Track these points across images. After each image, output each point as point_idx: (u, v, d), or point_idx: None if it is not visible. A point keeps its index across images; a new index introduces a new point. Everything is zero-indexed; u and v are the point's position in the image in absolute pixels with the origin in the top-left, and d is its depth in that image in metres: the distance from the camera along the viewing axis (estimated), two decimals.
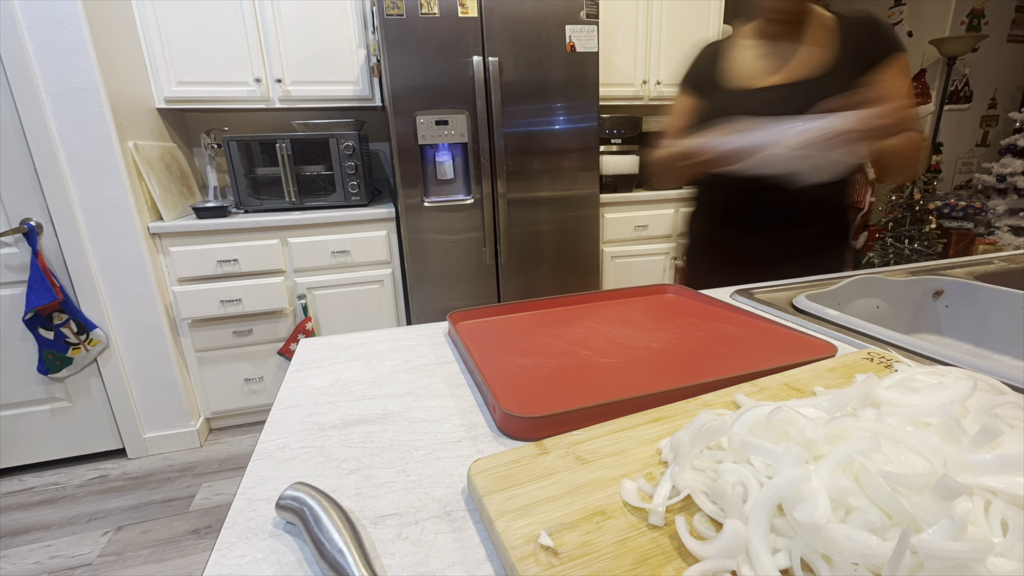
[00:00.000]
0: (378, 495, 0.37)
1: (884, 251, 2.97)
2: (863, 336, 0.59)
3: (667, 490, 0.31)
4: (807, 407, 0.35)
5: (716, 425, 0.33)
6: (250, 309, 1.95)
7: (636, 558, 0.27)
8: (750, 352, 0.55)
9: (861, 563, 0.24)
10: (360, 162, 2.05)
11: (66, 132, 1.64)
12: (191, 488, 1.78)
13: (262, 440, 0.44)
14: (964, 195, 3.07)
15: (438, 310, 2.06)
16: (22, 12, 1.53)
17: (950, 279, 0.75)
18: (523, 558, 0.27)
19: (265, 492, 0.37)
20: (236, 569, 0.31)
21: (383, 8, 1.72)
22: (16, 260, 1.69)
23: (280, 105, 2.11)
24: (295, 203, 2.06)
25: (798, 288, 0.79)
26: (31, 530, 1.60)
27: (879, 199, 3.26)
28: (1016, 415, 0.32)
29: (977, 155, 3.19)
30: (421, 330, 0.69)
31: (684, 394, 0.44)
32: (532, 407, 0.44)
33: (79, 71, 1.61)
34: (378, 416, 0.47)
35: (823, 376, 0.45)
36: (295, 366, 0.60)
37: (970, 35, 2.78)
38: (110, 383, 1.86)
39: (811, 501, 0.25)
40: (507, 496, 0.32)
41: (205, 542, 1.53)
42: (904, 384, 0.37)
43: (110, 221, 1.74)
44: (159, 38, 1.91)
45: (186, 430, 2.00)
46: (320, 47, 2.07)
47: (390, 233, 2.07)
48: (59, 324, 1.73)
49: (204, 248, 1.87)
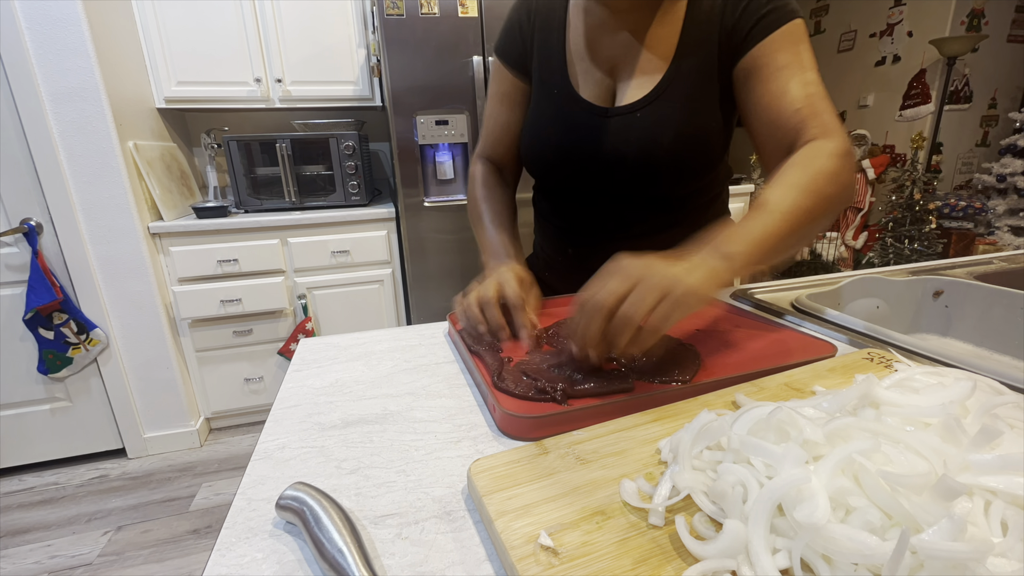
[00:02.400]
0: (378, 495, 0.37)
1: (884, 251, 2.97)
2: (863, 336, 0.59)
3: (667, 490, 0.31)
4: (807, 407, 0.35)
5: (716, 425, 0.33)
6: (250, 309, 1.95)
7: (636, 558, 0.27)
8: (750, 352, 0.55)
9: (861, 563, 0.24)
10: (360, 162, 2.05)
11: (66, 132, 1.64)
12: (191, 488, 1.78)
13: (262, 440, 0.44)
14: (964, 195, 3.07)
15: (438, 310, 2.06)
16: (22, 12, 1.53)
17: (950, 279, 0.75)
18: (523, 558, 0.27)
19: (265, 492, 0.37)
20: (236, 569, 0.31)
21: (383, 8, 1.72)
22: (16, 260, 1.69)
23: (280, 105, 2.11)
24: (295, 203, 2.06)
25: (798, 288, 0.79)
26: (31, 530, 1.60)
27: (879, 199, 3.26)
28: (1016, 415, 0.32)
29: (977, 155, 3.19)
30: (421, 330, 0.69)
31: (684, 394, 0.44)
32: (532, 407, 0.44)
33: (79, 71, 1.61)
34: (378, 416, 0.47)
35: (823, 376, 0.45)
36: (295, 366, 0.60)
37: (970, 35, 2.78)
38: (110, 383, 1.86)
39: (811, 501, 0.25)
40: (507, 496, 0.32)
41: (205, 542, 1.53)
42: (904, 384, 0.37)
43: (110, 221, 1.74)
44: (159, 38, 1.91)
45: (186, 430, 2.00)
46: (320, 47, 2.07)
47: (390, 233, 2.07)
48: (59, 324, 1.73)
49: (204, 248, 1.87)
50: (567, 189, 0.80)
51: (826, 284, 0.78)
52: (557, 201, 0.84)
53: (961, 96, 3.05)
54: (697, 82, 0.67)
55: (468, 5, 1.78)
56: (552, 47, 0.75)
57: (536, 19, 0.76)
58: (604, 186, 0.75)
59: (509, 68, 0.79)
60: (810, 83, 0.61)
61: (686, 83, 0.67)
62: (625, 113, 0.70)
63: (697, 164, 0.71)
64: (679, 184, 0.73)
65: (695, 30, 0.67)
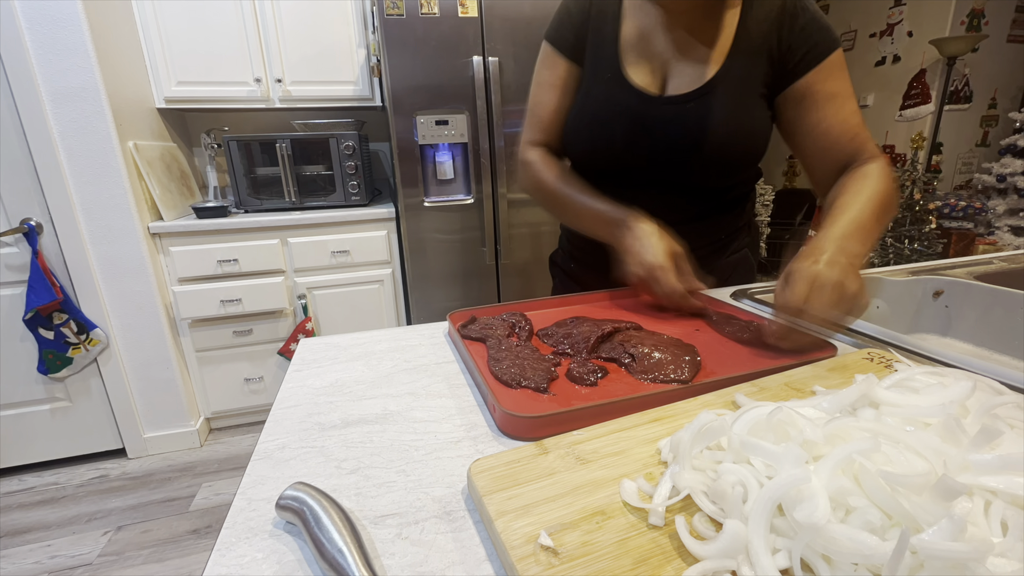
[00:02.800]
0: (378, 495, 0.37)
1: (884, 251, 2.97)
2: (863, 336, 0.59)
3: (667, 490, 0.31)
4: (807, 407, 0.35)
5: (716, 425, 0.33)
6: (250, 309, 1.95)
7: (636, 558, 0.27)
8: (750, 352, 0.55)
9: (861, 563, 0.24)
10: (360, 162, 2.05)
11: (66, 132, 1.64)
12: (191, 488, 1.78)
13: (262, 440, 0.44)
14: (964, 195, 3.07)
15: (438, 310, 2.06)
16: (22, 12, 1.53)
17: (950, 279, 0.75)
18: (523, 558, 0.27)
19: (265, 492, 0.37)
20: (236, 569, 0.31)
21: (383, 8, 1.72)
22: (16, 260, 1.69)
23: (280, 105, 2.11)
24: (295, 203, 2.06)
25: None
26: (31, 530, 1.60)
27: None
28: (1016, 415, 0.32)
29: (977, 155, 3.19)
30: (421, 330, 0.69)
31: (684, 394, 0.44)
32: (532, 407, 0.44)
33: (79, 71, 1.61)
34: (378, 416, 0.47)
35: (823, 376, 0.45)
36: (295, 366, 0.60)
37: (970, 35, 2.78)
38: (110, 383, 1.86)
39: (811, 501, 0.25)
40: (507, 496, 0.32)
41: (205, 542, 1.53)
42: (904, 384, 0.37)
43: (110, 221, 1.74)
44: (159, 38, 1.91)
45: (186, 430, 2.00)
46: (320, 47, 2.07)
47: (390, 233, 2.07)
48: (59, 324, 1.73)
49: (204, 248, 1.87)
50: (607, 173, 0.81)
51: None
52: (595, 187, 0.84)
53: (961, 96, 3.05)
54: (747, 83, 0.71)
55: (468, 5, 1.78)
56: (606, 36, 0.77)
57: (592, 8, 0.78)
58: (646, 173, 0.77)
59: (563, 54, 0.80)
60: (856, 112, 0.70)
61: (737, 82, 0.71)
62: (676, 103, 0.73)
63: (742, 157, 0.75)
64: (722, 176, 0.76)
65: (748, 36, 0.70)
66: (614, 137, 0.76)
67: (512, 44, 1.86)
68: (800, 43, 0.68)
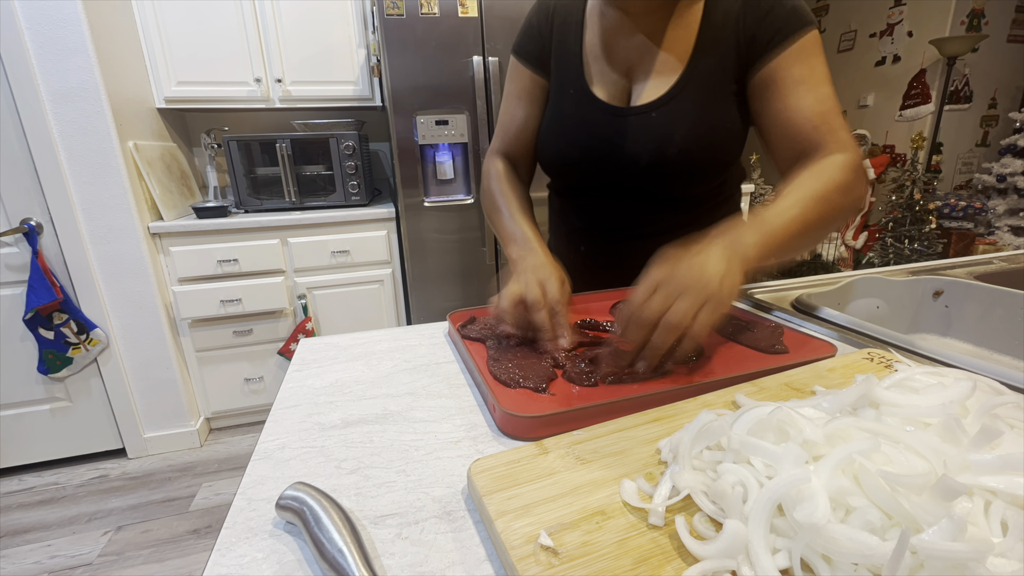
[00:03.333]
0: (378, 495, 0.37)
1: (884, 251, 2.97)
2: (863, 336, 0.59)
3: (667, 490, 0.31)
4: (807, 407, 0.35)
5: (716, 425, 0.33)
6: (250, 309, 1.95)
7: (636, 558, 0.27)
8: (750, 352, 0.55)
9: (861, 563, 0.24)
10: (360, 162, 2.05)
11: (66, 132, 1.64)
12: (191, 488, 1.78)
13: (262, 440, 0.44)
14: (964, 195, 3.07)
15: (438, 310, 2.06)
16: (22, 12, 1.53)
17: (950, 279, 0.75)
18: (523, 558, 0.27)
19: (265, 492, 0.37)
20: (236, 569, 0.31)
21: (383, 8, 1.72)
22: (16, 260, 1.69)
23: (280, 105, 2.11)
24: (295, 203, 2.06)
25: (798, 288, 0.79)
26: (31, 530, 1.60)
27: (879, 199, 3.26)
28: (1016, 415, 0.32)
29: (977, 155, 3.19)
30: (421, 330, 0.69)
31: (684, 394, 0.44)
32: (532, 407, 0.44)
33: (79, 71, 1.61)
34: (378, 416, 0.47)
35: (823, 376, 0.45)
36: (295, 366, 0.60)
37: (970, 35, 2.78)
38: (110, 383, 1.86)
39: (811, 501, 0.25)
40: (507, 496, 0.32)
41: (205, 542, 1.53)
42: (904, 384, 0.37)
43: (110, 221, 1.74)
44: (159, 38, 1.91)
45: (186, 430, 2.00)
46: (320, 47, 2.07)
47: (390, 233, 2.07)
48: (59, 324, 1.73)
49: (204, 248, 1.87)
50: (582, 188, 0.80)
51: (826, 284, 0.78)
52: (572, 200, 0.84)
53: (961, 96, 3.05)
54: (713, 83, 0.68)
55: (468, 5, 1.78)
56: (569, 47, 0.75)
57: (555, 19, 0.77)
58: (619, 185, 0.75)
59: (528, 66, 0.79)
60: (826, 98, 0.62)
61: (702, 84, 0.68)
62: (640, 113, 0.71)
63: (712, 164, 0.72)
64: (694, 184, 0.74)
65: (712, 33, 0.67)
66: (582, 153, 0.75)
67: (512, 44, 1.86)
68: (764, 29, 0.63)
